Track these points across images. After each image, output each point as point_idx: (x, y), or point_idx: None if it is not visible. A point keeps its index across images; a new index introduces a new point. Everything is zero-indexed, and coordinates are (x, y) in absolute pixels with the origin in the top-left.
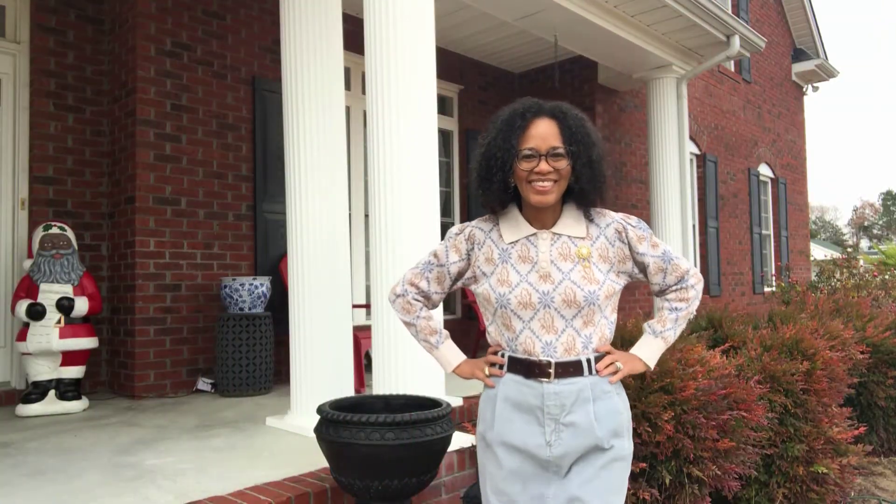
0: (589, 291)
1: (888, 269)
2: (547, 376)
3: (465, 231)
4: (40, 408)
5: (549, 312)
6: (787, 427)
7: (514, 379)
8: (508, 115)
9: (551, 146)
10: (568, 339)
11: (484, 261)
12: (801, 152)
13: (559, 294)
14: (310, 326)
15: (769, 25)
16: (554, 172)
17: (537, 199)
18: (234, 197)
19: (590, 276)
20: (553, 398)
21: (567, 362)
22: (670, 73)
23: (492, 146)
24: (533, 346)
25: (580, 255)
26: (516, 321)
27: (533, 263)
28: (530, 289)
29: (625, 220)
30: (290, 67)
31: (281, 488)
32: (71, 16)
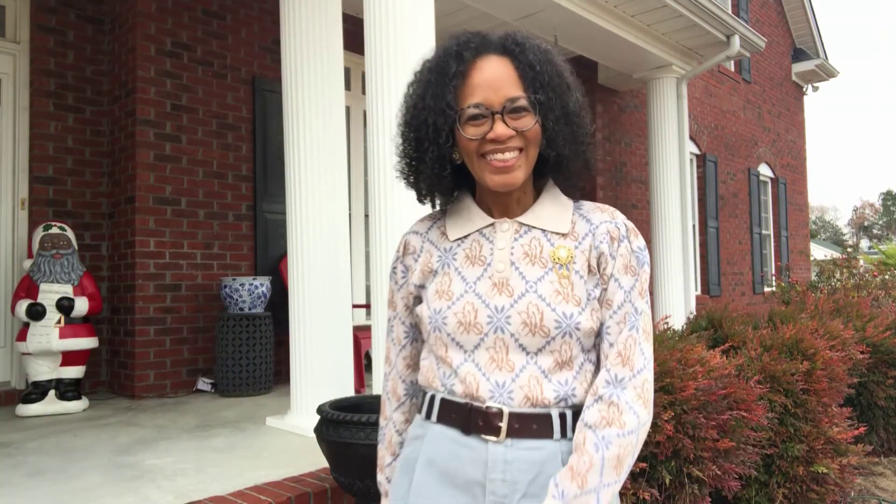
0: (563, 314)
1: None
2: (494, 432)
3: (400, 248)
4: (40, 408)
5: (504, 340)
6: (787, 427)
7: (445, 433)
8: (438, 58)
9: (508, 97)
10: (531, 383)
11: (419, 273)
12: (801, 152)
13: (518, 313)
14: (310, 326)
15: (769, 25)
16: (517, 137)
17: (499, 180)
18: (234, 197)
19: (567, 291)
20: (501, 470)
21: (529, 415)
22: (670, 73)
23: (418, 109)
24: (476, 387)
25: (557, 258)
26: (455, 352)
27: (485, 265)
28: (477, 302)
29: (629, 232)
30: (290, 67)
31: (281, 488)
32: (71, 16)
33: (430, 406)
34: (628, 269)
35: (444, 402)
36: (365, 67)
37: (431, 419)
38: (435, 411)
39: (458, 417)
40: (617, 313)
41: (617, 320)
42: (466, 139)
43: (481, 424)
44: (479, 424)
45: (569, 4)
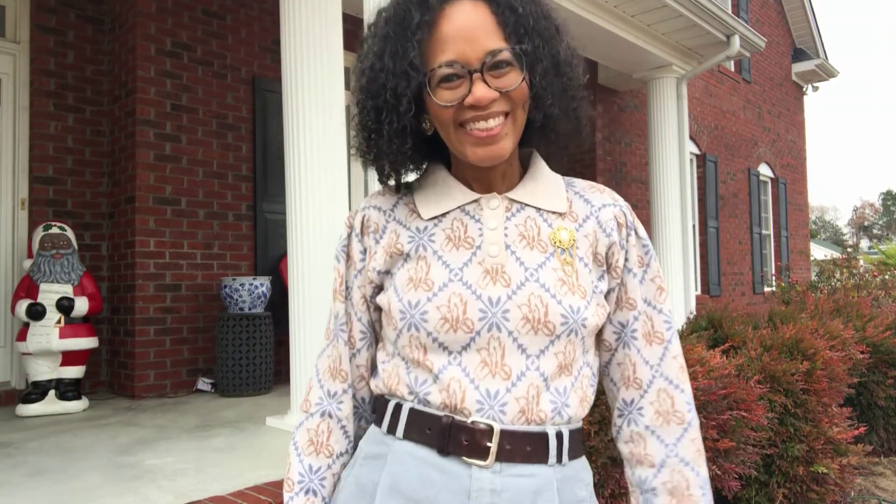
0: (570, 308)
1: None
2: (481, 455)
3: (356, 223)
4: (40, 408)
5: (500, 339)
6: (787, 427)
7: (415, 453)
8: (397, 5)
9: (488, 50)
10: (529, 393)
11: (382, 256)
12: (801, 152)
13: (518, 306)
14: (310, 326)
15: (769, 25)
16: (502, 98)
17: (482, 153)
18: (234, 197)
19: (572, 280)
20: (487, 502)
21: (524, 433)
22: (670, 73)
23: (374, 71)
24: (461, 397)
25: (558, 241)
26: (436, 355)
27: (473, 248)
28: (465, 293)
29: (631, 214)
30: (290, 67)
31: (281, 488)
32: (71, 16)
33: (393, 417)
34: (641, 262)
35: (415, 413)
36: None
37: (396, 434)
38: (401, 424)
39: (434, 433)
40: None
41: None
42: (439, 106)
43: (465, 444)
44: (463, 444)
45: (569, 4)
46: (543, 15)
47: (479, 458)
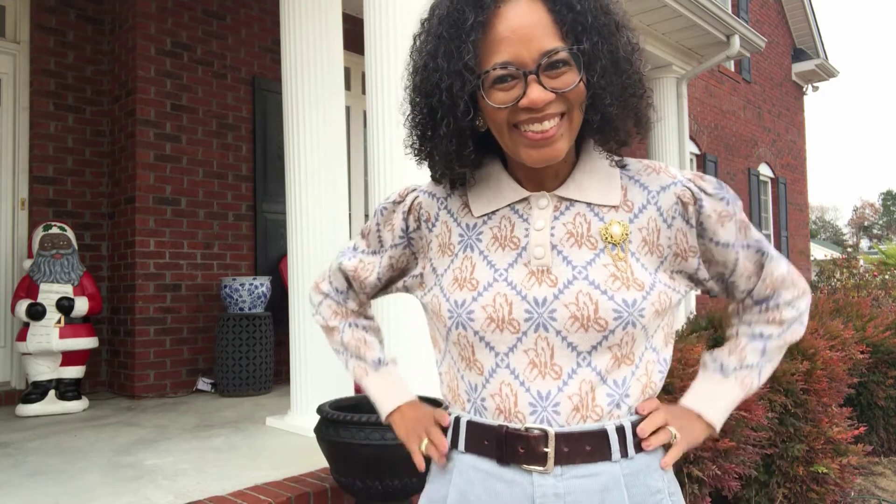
0: (625, 302)
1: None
2: (539, 461)
3: (407, 199)
4: (40, 408)
5: (547, 339)
6: (787, 427)
7: (475, 465)
8: (451, 4)
9: (543, 50)
10: (582, 389)
11: (437, 250)
12: (801, 152)
13: (566, 305)
14: (310, 326)
15: (769, 25)
16: (557, 100)
17: (537, 155)
18: (234, 197)
19: (626, 275)
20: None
21: (580, 434)
22: (670, 73)
23: (428, 70)
24: (513, 400)
25: (609, 236)
26: (484, 354)
27: (518, 249)
28: (510, 293)
29: (696, 183)
30: (290, 67)
31: (281, 488)
32: (71, 16)
33: (455, 431)
34: (723, 217)
35: (472, 425)
36: (365, 67)
37: (458, 447)
38: (461, 437)
39: (491, 444)
40: (744, 261)
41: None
42: (493, 108)
43: (522, 452)
44: (519, 452)
45: None
46: (603, 10)
47: (538, 464)
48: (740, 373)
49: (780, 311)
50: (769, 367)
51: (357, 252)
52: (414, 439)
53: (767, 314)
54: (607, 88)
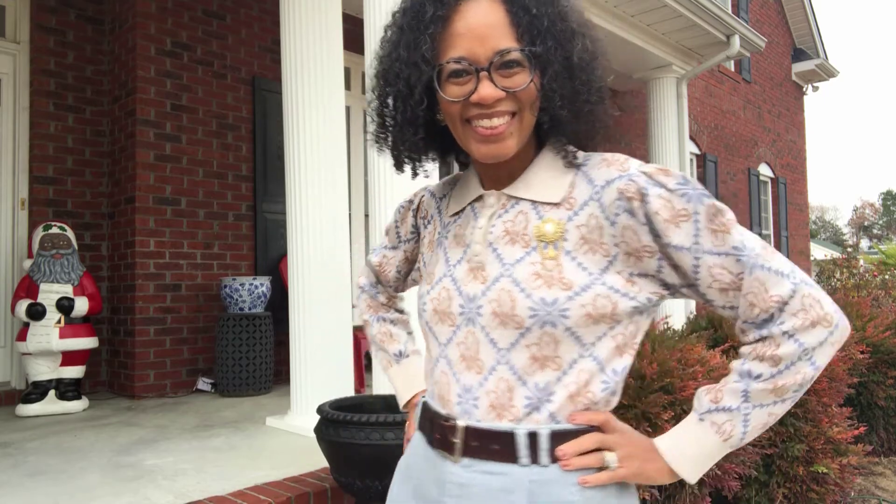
0: (542, 300)
1: (888, 269)
2: (449, 449)
3: (416, 198)
4: (40, 408)
5: (475, 333)
6: (787, 427)
7: (419, 443)
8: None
9: (497, 49)
10: (499, 387)
11: (427, 246)
12: (801, 152)
13: (489, 302)
14: (310, 326)
15: (769, 25)
16: (508, 99)
17: (485, 150)
18: (234, 197)
19: (552, 273)
20: (456, 495)
21: (489, 431)
22: (670, 73)
23: (391, 59)
24: (448, 389)
25: (542, 234)
26: (433, 343)
27: (464, 246)
28: (452, 288)
29: (650, 177)
30: (290, 67)
31: (281, 488)
32: (71, 16)
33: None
34: (677, 215)
35: (424, 405)
36: (365, 67)
37: (417, 424)
38: (417, 416)
39: (426, 427)
40: (708, 269)
41: (713, 281)
42: (446, 101)
43: (438, 438)
44: (437, 438)
45: None
46: (560, 16)
47: (449, 452)
48: (715, 416)
49: (777, 344)
50: (761, 414)
51: (381, 248)
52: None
53: (760, 346)
54: (558, 91)
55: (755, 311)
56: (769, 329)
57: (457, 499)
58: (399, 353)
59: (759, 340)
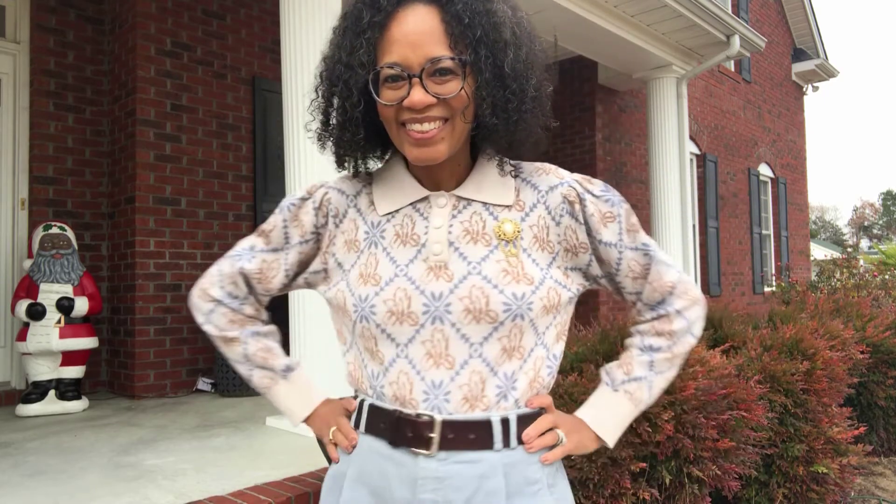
0: (514, 295)
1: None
2: (425, 445)
3: (316, 195)
4: (40, 408)
5: (443, 331)
6: (787, 427)
7: (371, 445)
8: (355, 4)
9: (429, 57)
10: (472, 380)
11: (343, 246)
12: (801, 152)
13: (460, 299)
14: (310, 326)
15: (769, 25)
16: (440, 105)
17: (417, 153)
18: (234, 197)
19: (516, 270)
20: (432, 489)
21: (466, 422)
22: (670, 73)
23: (333, 61)
24: (409, 388)
25: (502, 234)
26: (386, 345)
27: (418, 246)
28: (410, 288)
29: (582, 184)
30: (290, 67)
31: (281, 488)
32: (71, 16)
33: (358, 413)
34: (606, 218)
35: (373, 408)
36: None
37: (360, 428)
38: (363, 419)
39: (386, 427)
40: (627, 261)
41: (630, 271)
42: (381, 104)
43: (410, 436)
44: (408, 436)
45: (569, 4)
46: (494, 27)
47: (423, 447)
48: (629, 385)
49: (671, 321)
50: (660, 380)
51: (256, 252)
52: (325, 431)
53: (657, 324)
54: (488, 99)
55: (655, 295)
56: (665, 308)
57: (433, 492)
58: (287, 368)
59: (656, 318)
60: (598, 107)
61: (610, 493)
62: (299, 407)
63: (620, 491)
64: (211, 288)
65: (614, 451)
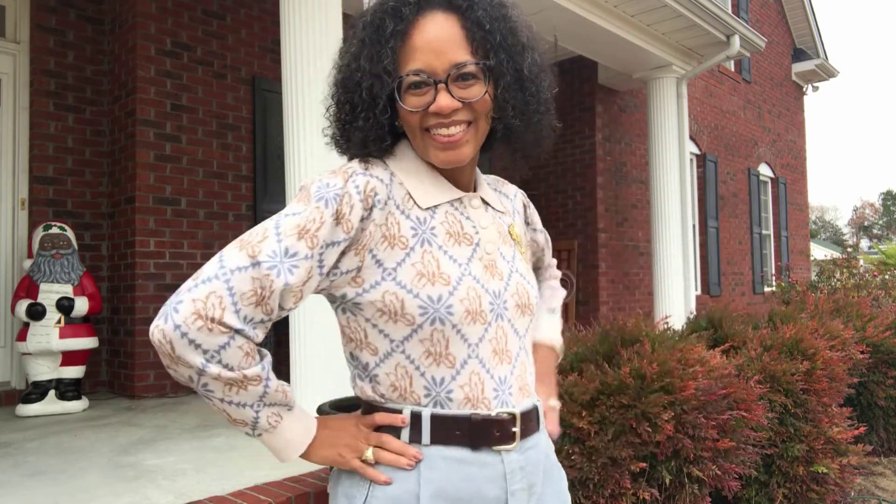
0: (535, 287)
1: (888, 269)
2: (510, 440)
3: (358, 181)
4: (40, 408)
5: (503, 327)
6: (787, 427)
7: (445, 455)
8: (374, 13)
9: (454, 62)
10: (522, 371)
11: (381, 241)
12: (801, 152)
13: (512, 295)
14: (309, 327)
15: (769, 25)
16: (465, 109)
17: (444, 157)
18: (234, 197)
19: (528, 266)
20: (520, 479)
21: (529, 411)
22: (670, 73)
23: (351, 69)
24: (481, 388)
25: (515, 235)
26: (459, 345)
27: (473, 245)
28: (478, 287)
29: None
30: (290, 67)
31: (281, 488)
32: (71, 16)
33: (415, 426)
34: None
35: (437, 418)
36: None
37: (423, 441)
38: (426, 432)
39: (464, 433)
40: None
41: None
42: (407, 111)
43: (497, 435)
44: (494, 435)
45: (569, 4)
46: (511, 31)
47: (508, 443)
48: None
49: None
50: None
51: (300, 259)
52: (353, 455)
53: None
54: (510, 102)
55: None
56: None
57: (521, 481)
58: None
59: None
60: (598, 107)
61: (610, 493)
62: (302, 436)
63: (620, 491)
64: (225, 314)
65: (614, 450)
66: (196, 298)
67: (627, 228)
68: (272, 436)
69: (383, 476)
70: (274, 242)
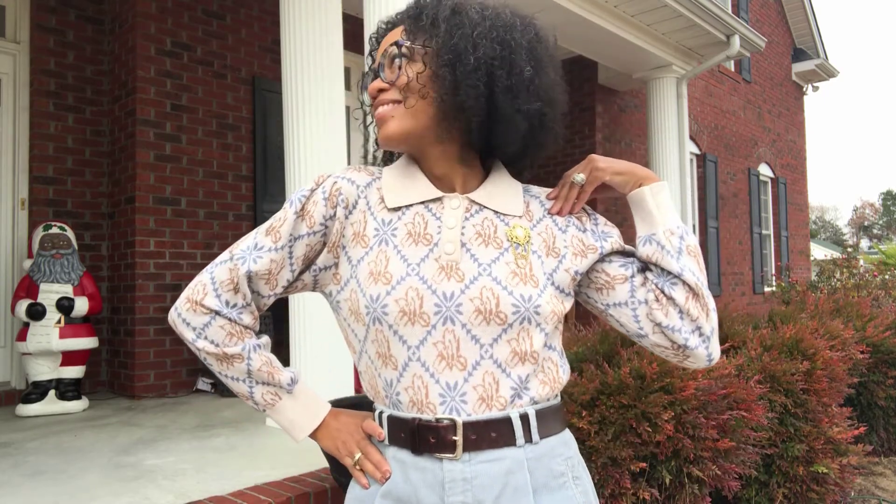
0: (521, 297)
1: (888, 269)
2: (449, 449)
3: (326, 184)
4: (40, 408)
5: (454, 332)
6: (787, 427)
7: (395, 456)
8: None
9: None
10: (486, 380)
11: (352, 238)
12: (801, 152)
13: (471, 300)
14: (310, 326)
15: (769, 25)
16: (392, 89)
17: (379, 135)
18: (234, 197)
19: (525, 271)
20: (461, 491)
21: (486, 421)
22: (670, 73)
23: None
24: (424, 392)
25: (514, 237)
26: (398, 347)
27: (431, 245)
28: (422, 287)
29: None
30: (290, 67)
31: (281, 488)
32: (71, 16)
33: (382, 425)
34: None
35: (391, 419)
36: (365, 67)
37: (384, 441)
38: (385, 432)
39: (406, 436)
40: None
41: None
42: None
43: (433, 441)
44: (430, 441)
45: (569, 4)
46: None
47: (448, 451)
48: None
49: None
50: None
51: (263, 252)
52: (346, 453)
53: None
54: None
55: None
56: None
57: (462, 494)
58: (291, 381)
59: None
60: (598, 107)
61: (610, 493)
62: (307, 421)
63: (620, 491)
64: (205, 298)
65: (614, 450)
66: (190, 287)
67: (627, 228)
68: (274, 413)
69: (364, 479)
70: (250, 240)
